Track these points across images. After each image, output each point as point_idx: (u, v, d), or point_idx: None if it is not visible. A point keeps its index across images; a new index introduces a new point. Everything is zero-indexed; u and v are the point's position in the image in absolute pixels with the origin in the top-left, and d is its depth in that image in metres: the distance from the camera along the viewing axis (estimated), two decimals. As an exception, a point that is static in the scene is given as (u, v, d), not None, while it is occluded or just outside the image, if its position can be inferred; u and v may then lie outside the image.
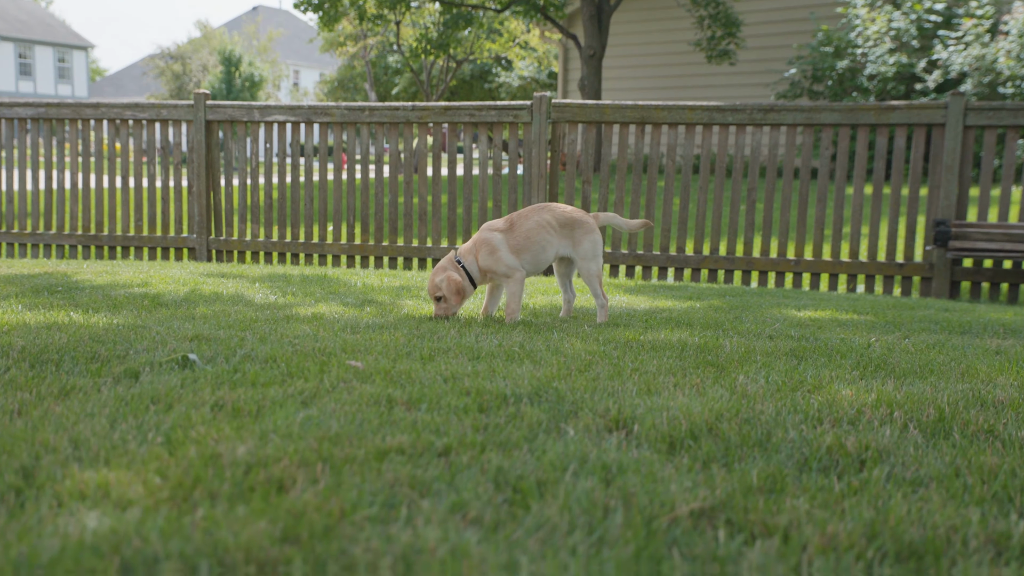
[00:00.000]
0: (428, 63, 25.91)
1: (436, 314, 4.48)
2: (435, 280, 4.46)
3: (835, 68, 16.03)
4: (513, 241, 4.48)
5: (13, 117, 9.65)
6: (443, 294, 4.43)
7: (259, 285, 5.74)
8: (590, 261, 4.58)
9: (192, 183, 9.26)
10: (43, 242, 9.62)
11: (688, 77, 18.86)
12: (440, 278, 4.43)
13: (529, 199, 8.53)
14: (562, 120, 8.50)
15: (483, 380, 2.82)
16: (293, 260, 9.07)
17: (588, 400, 2.59)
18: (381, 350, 3.33)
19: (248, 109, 9.05)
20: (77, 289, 5.38)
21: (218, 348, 3.27)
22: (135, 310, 4.54)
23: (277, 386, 2.67)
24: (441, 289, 4.42)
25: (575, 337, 3.91)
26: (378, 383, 2.75)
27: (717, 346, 3.75)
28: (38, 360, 3.00)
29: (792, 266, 8.24)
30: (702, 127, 8.41)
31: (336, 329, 3.92)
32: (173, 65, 43.51)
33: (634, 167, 8.50)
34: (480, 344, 3.57)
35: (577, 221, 4.58)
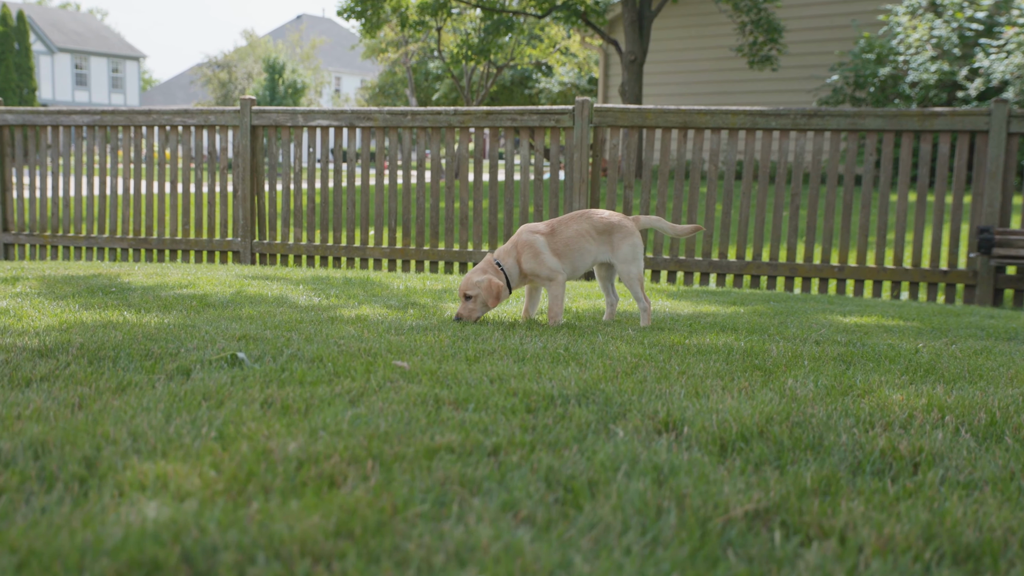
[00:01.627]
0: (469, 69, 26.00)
1: (457, 313, 4.37)
2: (473, 279, 4.38)
3: (877, 75, 15.83)
4: (554, 245, 4.45)
5: (71, 124, 9.83)
6: (476, 294, 4.35)
7: (302, 287, 5.77)
8: (629, 264, 4.54)
9: (237, 187, 9.36)
10: (96, 245, 9.78)
11: (729, 83, 18.74)
12: (481, 279, 4.37)
13: (571, 204, 8.51)
14: (604, 125, 8.47)
15: (529, 381, 2.81)
16: (335, 264, 9.13)
17: (636, 402, 2.57)
18: (426, 351, 3.33)
19: (292, 114, 9.14)
20: (129, 290, 5.45)
21: (265, 347, 3.29)
22: (184, 310, 4.59)
23: (324, 385, 2.68)
24: (478, 288, 4.35)
25: (620, 340, 3.88)
26: (424, 383, 2.74)
27: (763, 350, 3.70)
28: (96, 356, 3.04)
29: (836, 272, 8.13)
30: (745, 132, 8.34)
31: (380, 331, 3.93)
32: (220, 73, 44.12)
33: (676, 172, 8.44)
34: (525, 346, 3.56)
35: (615, 226, 4.55)
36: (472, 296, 4.38)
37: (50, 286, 5.58)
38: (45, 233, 9.94)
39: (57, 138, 9.93)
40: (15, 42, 37.22)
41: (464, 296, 4.39)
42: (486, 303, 4.35)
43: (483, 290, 4.36)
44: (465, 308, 4.39)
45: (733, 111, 8.24)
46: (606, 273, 4.72)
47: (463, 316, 4.38)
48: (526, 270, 4.42)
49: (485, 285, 4.35)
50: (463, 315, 4.38)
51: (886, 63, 15.98)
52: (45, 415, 2.25)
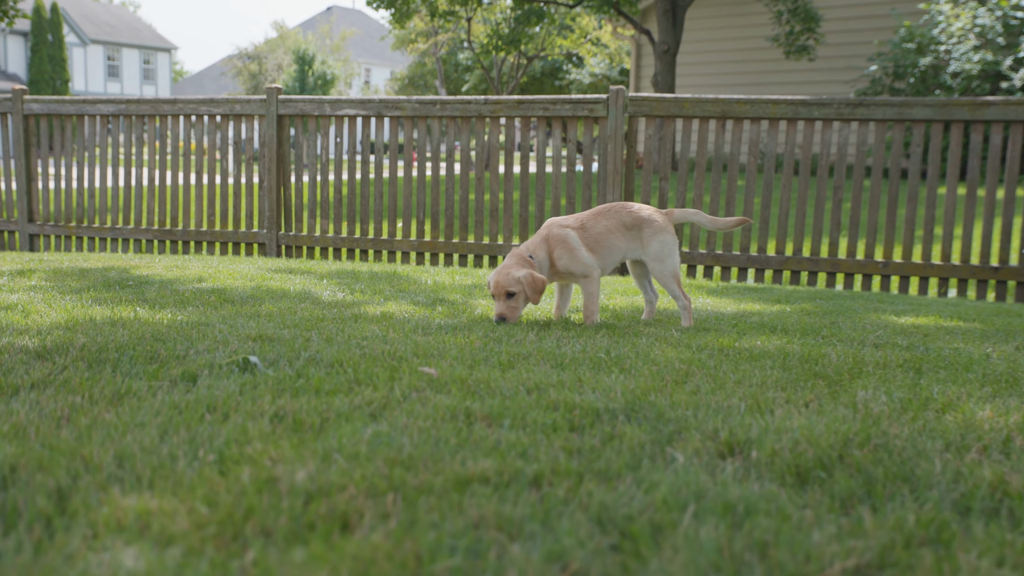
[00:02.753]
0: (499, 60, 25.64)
1: (498, 313, 3.97)
2: (514, 274, 3.96)
3: (917, 65, 15.32)
4: (586, 241, 4.13)
5: (96, 114, 9.62)
6: (519, 291, 3.96)
7: (326, 282, 5.50)
8: (661, 262, 4.21)
9: (263, 178, 9.11)
10: (121, 236, 9.57)
11: (764, 74, 18.26)
12: (522, 273, 3.96)
13: (604, 197, 8.18)
14: (639, 114, 8.12)
15: (570, 392, 2.50)
16: (362, 256, 8.86)
17: (692, 418, 2.26)
18: (456, 355, 3.03)
19: (319, 103, 8.87)
20: (146, 284, 5.20)
21: (281, 350, 3.00)
22: (201, 306, 4.33)
23: (343, 395, 2.39)
24: (521, 285, 3.95)
25: (664, 343, 3.57)
26: (454, 393, 2.44)
27: (821, 355, 3.37)
28: (96, 359, 2.77)
29: (880, 268, 7.74)
30: (786, 122, 7.96)
31: (406, 330, 3.63)
32: (250, 65, 44.06)
33: (714, 164, 8.09)
34: (563, 350, 3.25)
35: (644, 220, 4.21)
36: (515, 293, 3.98)
37: (65, 279, 5.35)
38: (70, 224, 9.75)
39: (82, 128, 9.73)
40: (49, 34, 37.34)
41: (506, 294, 3.98)
42: (528, 300, 4.02)
43: (527, 286, 3.96)
44: (507, 307, 3.97)
45: (774, 100, 7.86)
46: (640, 270, 4.40)
47: (507, 317, 3.97)
48: (560, 267, 4.10)
49: (528, 281, 3.96)
50: (507, 316, 3.97)
51: (927, 53, 15.46)
52: (24, 432, 1.97)
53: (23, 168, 9.79)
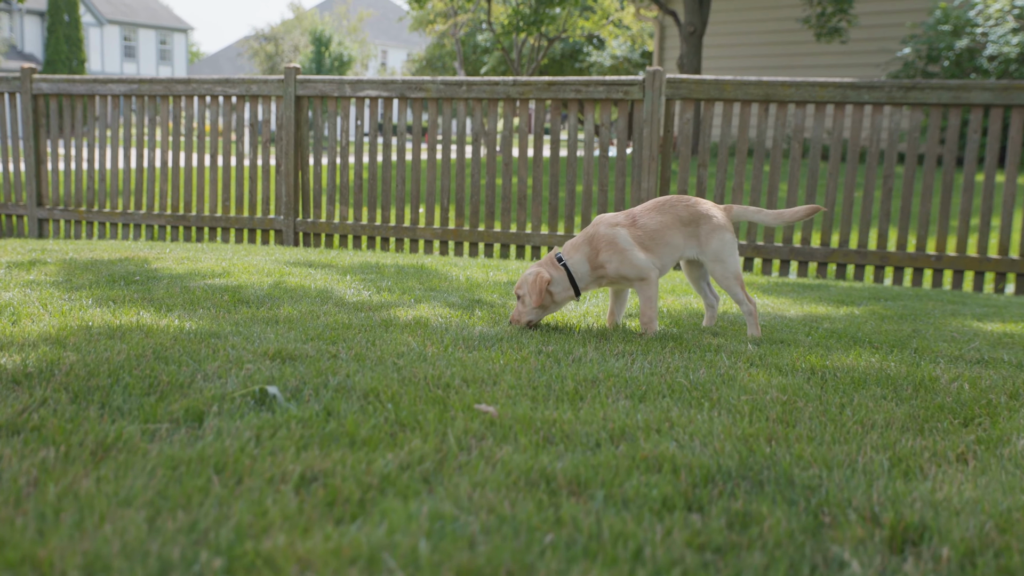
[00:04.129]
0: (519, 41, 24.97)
1: (512, 318, 3.62)
2: (524, 275, 3.62)
3: (953, 48, 14.66)
4: (639, 239, 3.60)
5: (107, 94, 9.11)
6: (523, 293, 3.57)
7: (349, 278, 4.99)
8: (722, 263, 3.68)
9: (280, 162, 8.60)
10: (133, 221, 9.09)
11: (792, 56, 17.59)
12: (529, 273, 3.57)
13: (638, 184, 7.64)
14: (676, 97, 7.56)
15: (664, 439, 2.00)
16: (383, 245, 8.35)
17: (831, 485, 1.74)
18: (511, 381, 2.52)
19: (339, 84, 8.33)
20: (155, 279, 4.71)
21: (305, 373, 2.50)
22: (212, 308, 3.83)
23: (385, 447, 1.88)
24: (524, 287, 3.57)
25: (744, 361, 3.05)
26: (523, 444, 1.94)
27: (931, 379, 2.85)
28: (83, 388, 2.28)
29: (932, 262, 7.19)
30: (834, 106, 7.39)
31: (446, 343, 3.13)
32: (267, 46, 43.42)
33: (755, 150, 7.54)
34: (632, 371, 2.74)
35: (702, 216, 3.68)
36: (521, 296, 3.61)
37: (69, 273, 4.86)
38: (80, 208, 9.28)
39: (93, 108, 9.23)
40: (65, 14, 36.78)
41: (517, 296, 3.64)
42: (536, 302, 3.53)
43: (528, 287, 3.55)
44: (516, 311, 3.63)
45: (821, 83, 7.29)
46: (697, 271, 3.86)
47: (512, 320, 3.63)
48: (610, 271, 3.57)
49: (531, 281, 3.54)
50: (512, 319, 3.63)
51: (963, 35, 14.80)
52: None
53: (32, 150, 9.31)
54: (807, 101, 7.32)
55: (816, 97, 7.28)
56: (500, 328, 3.56)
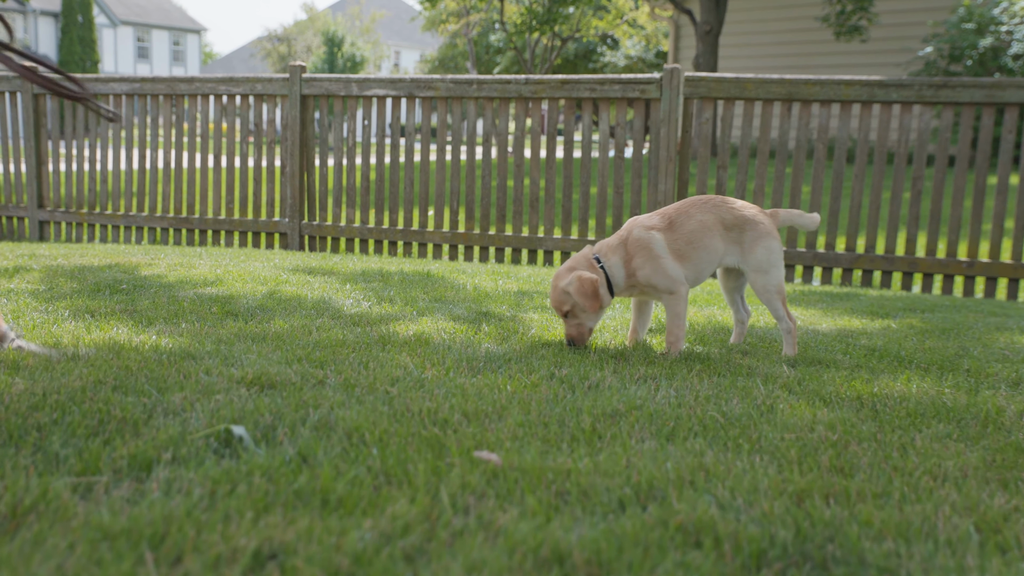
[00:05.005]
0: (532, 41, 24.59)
1: (568, 336, 3.23)
2: (560, 285, 3.20)
3: (976, 47, 14.23)
4: (674, 244, 3.23)
5: (108, 93, 8.81)
6: (572, 305, 3.18)
7: (350, 287, 4.66)
8: (765, 274, 3.31)
9: (285, 163, 8.28)
10: (135, 224, 8.80)
11: (811, 56, 17.17)
12: (567, 281, 3.18)
13: (655, 186, 7.29)
14: (695, 96, 7.21)
15: (700, 498, 1.65)
16: (391, 249, 8.02)
17: (915, 567, 1.40)
18: (519, 416, 2.18)
19: (346, 82, 8.01)
20: (143, 287, 4.39)
21: (283, 405, 2.17)
22: (197, 322, 3.50)
23: (365, 509, 1.54)
24: (570, 297, 3.18)
25: (782, 388, 2.70)
26: (530, 505, 1.60)
27: (996, 409, 2.50)
28: (20, 427, 1.95)
29: (963, 268, 6.81)
30: (860, 105, 7.01)
31: (448, 365, 2.79)
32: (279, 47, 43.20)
33: (778, 151, 7.18)
34: (657, 402, 2.39)
35: (748, 221, 3.32)
36: (569, 311, 3.21)
37: (52, 281, 4.55)
38: (82, 210, 8.99)
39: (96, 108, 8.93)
40: (79, 15, 36.62)
41: (563, 313, 3.23)
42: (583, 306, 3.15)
43: (575, 294, 3.15)
44: (571, 327, 3.23)
45: (847, 81, 6.92)
46: (734, 282, 3.50)
47: (574, 339, 3.23)
48: (640, 279, 3.22)
49: (576, 288, 3.15)
50: (574, 337, 3.23)
51: (986, 34, 14.37)
52: None
53: (33, 150, 9.03)
54: (832, 100, 6.95)
55: (842, 96, 6.92)
56: (509, 346, 3.22)
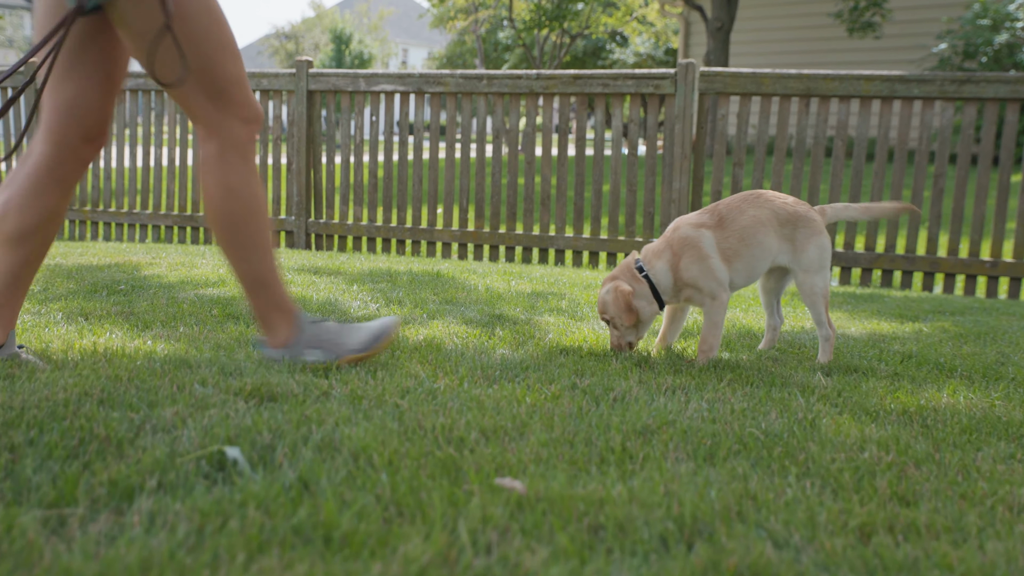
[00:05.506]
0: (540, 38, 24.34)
1: (612, 346, 3.09)
2: (600, 292, 3.07)
3: (991, 43, 13.97)
4: (725, 243, 3.01)
5: (109, 87, 8.63)
6: (610, 316, 3.05)
7: (357, 288, 4.46)
8: (815, 274, 3.11)
9: (291, 160, 8.09)
10: (139, 222, 8.62)
11: (823, 53, 16.91)
12: (605, 289, 3.04)
13: (669, 184, 7.09)
14: (710, 91, 7.00)
15: (752, 533, 1.46)
16: (399, 247, 7.83)
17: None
18: (542, 435, 1.98)
19: (353, 78, 7.81)
20: (142, 288, 4.21)
21: (283, 422, 1.97)
22: (196, 325, 3.31)
23: (372, 551, 1.35)
24: (608, 308, 3.04)
25: (822, 400, 2.49)
26: (561, 544, 1.40)
27: (1056, 426, 2.30)
28: (-5, 443, 1.76)
29: (987, 269, 6.59)
30: (880, 101, 6.79)
31: (461, 374, 2.59)
32: (287, 44, 43.02)
33: (795, 149, 6.97)
34: (689, 416, 2.19)
35: (801, 217, 3.11)
36: (610, 321, 3.08)
37: (49, 281, 4.36)
38: (85, 208, 8.81)
39: (97, 103, 8.75)
40: (88, 12, 36.30)
41: (604, 321, 3.11)
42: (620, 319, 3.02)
43: (611, 306, 3.01)
44: (614, 337, 3.10)
45: (867, 76, 6.71)
46: (774, 284, 3.29)
47: (614, 347, 3.11)
48: (686, 279, 3.01)
49: (611, 297, 3.00)
50: (616, 347, 3.10)
51: (1002, 30, 14.11)
52: None
53: (35, 147, 8.85)
54: (851, 96, 6.74)
55: (861, 91, 6.70)
56: (525, 352, 3.02)
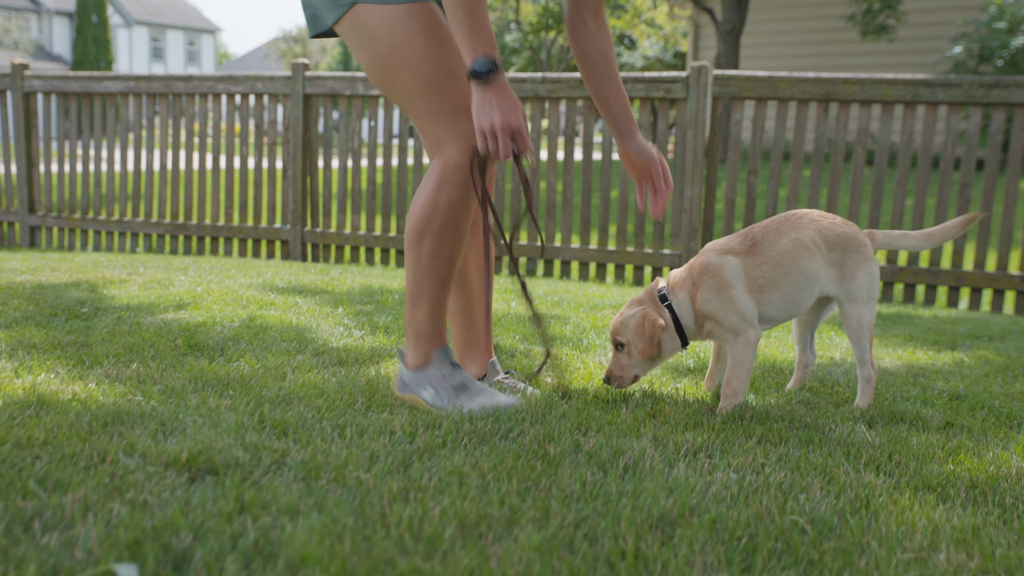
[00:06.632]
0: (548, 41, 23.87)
1: (608, 371, 2.63)
2: (624, 313, 2.62)
3: (1008, 46, 13.52)
4: (757, 271, 2.57)
5: (104, 92, 8.25)
6: (627, 340, 2.59)
7: (342, 310, 4.05)
8: (863, 305, 2.68)
9: (287, 166, 7.69)
10: (130, 230, 8.23)
11: (836, 56, 16.45)
12: (631, 313, 2.59)
13: (681, 192, 6.67)
14: (724, 96, 6.58)
15: None
16: (398, 258, 7.42)
17: None
18: (534, 535, 1.56)
19: (351, 81, 7.41)
20: (106, 311, 3.81)
21: (212, 512, 1.56)
22: (153, 361, 2.91)
23: None
24: (627, 332, 2.59)
25: (871, 466, 2.07)
26: None
27: None
28: None
29: (1015, 283, 6.16)
30: (903, 106, 6.36)
31: (444, 430, 2.17)
32: (294, 47, 42.68)
33: (813, 156, 6.55)
34: (716, 493, 1.78)
35: (851, 240, 2.68)
36: (624, 345, 2.60)
37: (5, 303, 3.96)
38: (74, 215, 8.43)
39: (89, 107, 8.39)
40: (93, 15, 36.12)
41: (616, 345, 2.63)
42: (638, 348, 2.57)
43: (633, 333, 2.56)
44: (616, 365, 2.63)
45: (889, 80, 6.29)
46: (812, 315, 2.83)
47: (612, 380, 2.63)
48: (704, 311, 2.58)
49: (636, 324, 2.55)
50: (612, 378, 2.63)
51: (1018, 33, 13.66)
52: None
53: (23, 152, 8.48)
54: (873, 100, 6.32)
55: (883, 96, 6.28)
56: (526, 400, 2.61)
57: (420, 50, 2.32)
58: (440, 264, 2.42)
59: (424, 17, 2.34)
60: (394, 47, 2.31)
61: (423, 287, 2.44)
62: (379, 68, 2.38)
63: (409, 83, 2.35)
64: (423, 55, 2.32)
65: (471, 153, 2.36)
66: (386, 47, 2.33)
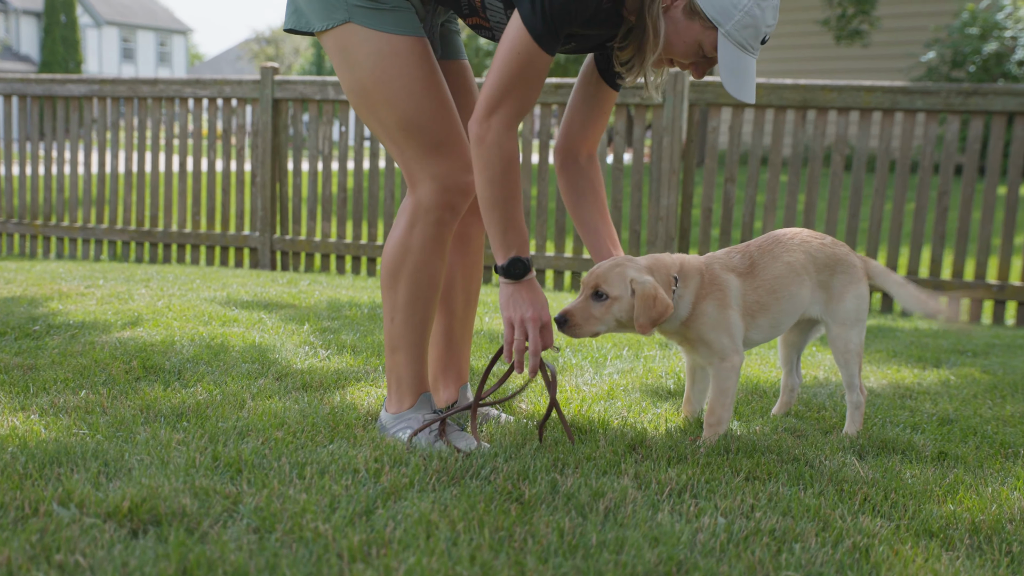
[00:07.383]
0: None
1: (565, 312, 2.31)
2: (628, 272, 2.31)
3: (980, 52, 13.55)
4: (753, 295, 2.46)
5: (67, 95, 8.01)
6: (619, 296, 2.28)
7: (308, 327, 3.88)
8: (850, 328, 2.57)
9: (256, 171, 7.49)
10: (94, 237, 7.99)
11: (809, 61, 16.45)
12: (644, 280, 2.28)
13: (657, 199, 6.56)
14: (701, 102, 6.48)
15: None
16: (369, 266, 7.24)
17: None
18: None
19: (322, 85, 7.23)
20: (59, 330, 3.62)
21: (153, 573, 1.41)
22: (103, 387, 2.74)
23: None
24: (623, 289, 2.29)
25: (866, 507, 1.95)
26: None
27: None
28: None
29: (994, 292, 6.10)
30: (881, 113, 6.28)
31: (413, 467, 2.03)
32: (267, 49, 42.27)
33: (791, 162, 6.46)
34: (705, 547, 1.64)
35: (840, 261, 2.58)
36: (607, 297, 2.30)
37: (-46, 319, 3.77)
38: (36, 222, 8.18)
39: (51, 111, 8.14)
40: (62, 14, 35.47)
41: (594, 291, 2.32)
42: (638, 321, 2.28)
43: (638, 300, 2.26)
44: (582, 311, 2.31)
45: (868, 87, 6.22)
46: (798, 337, 2.73)
47: (571, 321, 2.30)
48: (697, 322, 2.43)
49: (642, 292, 2.27)
50: (572, 319, 2.30)
51: (990, 39, 13.71)
52: None
53: (-18, 156, 8.23)
54: (851, 107, 6.24)
55: (861, 103, 6.20)
56: (494, 427, 2.47)
57: (403, 89, 2.25)
58: (418, 308, 2.37)
59: (412, 54, 2.26)
60: (377, 82, 2.25)
61: (403, 332, 2.38)
62: (359, 96, 2.31)
63: (387, 117, 2.29)
64: (405, 95, 2.26)
65: (444, 193, 2.32)
66: (369, 79, 2.26)
